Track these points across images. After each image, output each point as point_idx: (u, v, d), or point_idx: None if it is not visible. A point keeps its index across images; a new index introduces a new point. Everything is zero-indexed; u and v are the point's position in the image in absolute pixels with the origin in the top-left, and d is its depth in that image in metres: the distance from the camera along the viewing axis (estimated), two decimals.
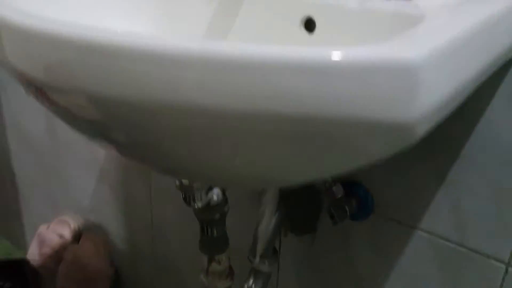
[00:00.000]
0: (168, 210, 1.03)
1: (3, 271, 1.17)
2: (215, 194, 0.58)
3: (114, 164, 1.10)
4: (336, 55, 0.29)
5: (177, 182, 0.56)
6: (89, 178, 1.18)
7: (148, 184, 1.05)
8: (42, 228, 1.30)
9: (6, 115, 1.34)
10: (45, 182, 1.33)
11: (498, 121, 0.56)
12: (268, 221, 0.72)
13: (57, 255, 1.23)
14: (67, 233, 1.27)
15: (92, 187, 1.19)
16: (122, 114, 0.34)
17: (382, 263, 0.72)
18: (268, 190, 0.72)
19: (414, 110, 0.30)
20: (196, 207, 0.58)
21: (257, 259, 0.72)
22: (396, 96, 0.30)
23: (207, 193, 0.57)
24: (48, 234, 1.27)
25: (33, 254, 1.27)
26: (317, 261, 0.80)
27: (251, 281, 0.74)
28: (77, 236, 1.27)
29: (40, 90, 0.40)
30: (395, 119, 0.31)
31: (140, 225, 1.12)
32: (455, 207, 0.62)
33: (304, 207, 0.77)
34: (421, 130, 0.32)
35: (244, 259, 0.74)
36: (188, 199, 0.57)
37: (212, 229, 0.61)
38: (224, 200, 0.60)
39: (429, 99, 0.31)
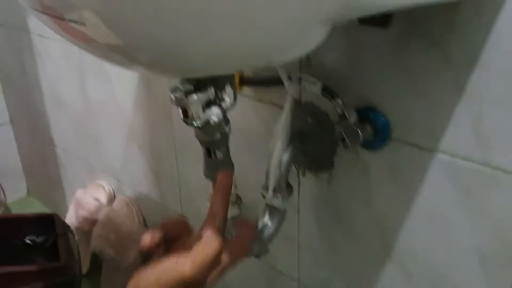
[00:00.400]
0: (191, 165, 1.02)
1: (35, 226, 1.20)
2: (215, 114, 0.56)
3: (141, 122, 1.11)
4: None
5: (172, 96, 0.54)
6: (120, 139, 1.20)
7: (171, 140, 1.04)
8: (79, 192, 1.33)
9: (43, 83, 1.38)
10: (81, 148, 1.36)
11: None
12: (279, 154, 0.69)
13: (92, 218, 1.25)
14: (102, 196, 1.29)
15: (123, 148, 1.20)
16: None
17: (402, 195, 0.67)
18: (279, 120, 0.69)
19: None
20: (195, 125, 0.56)
21: (270, 193, 0.70)
22: None
23: (204, 110, 0.55)
24: (84, 198, 1.29)
25: (71, 217, 1.31)
26: (336, 201, 0.76)
27: (266, 217, 0.71)
28: (112, 198, 1.29)
29: None
30: None
31: (168, 184, 1.12)
32: (477, 121, 0.57)
33: (319, 141, 0.73)
34: None
35: (259, 196, 0.71)
36: (186, 117, 0.55)
37: (214, 151, 0.59)
38: (225, 120, 0.57)
39: None
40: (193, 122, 0.55)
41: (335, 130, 0.69)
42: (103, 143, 1.27)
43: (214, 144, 0.58)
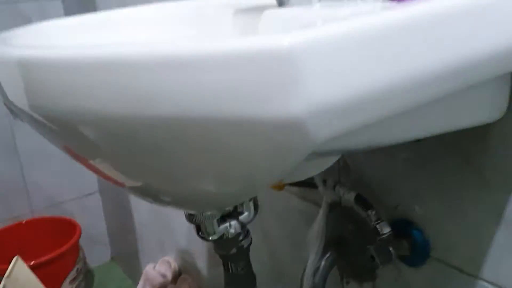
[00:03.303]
0: None
1: None
2: (232, 227, 0.55)
3: None
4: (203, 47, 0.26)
5: (186, 213, 0.55)
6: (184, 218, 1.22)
7: None
8: (149, 267, 1.37)
9: None
10: (155, 223, 1.41)
11: None
12: (312, 264, 0.66)
13: None
14: (168, 273, 1.32)
15: (187, 227, 1.23)
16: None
17: None
18: (312, 228, 0.67)
19: (297, 103, 0.25)
20: (210, 239, 0.55)
21: None
22: (273, 87, 0.26)
23: (219, 225, 0.55)
24: (152, 273, 1.33)
25: None
26: None
27: None
28: (177, 276, 1.31)
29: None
30: (278, 113, 0.26)
31: None
32: None
33: (360, 250, 0.69)
34: (318, 132, 0.26)
35: None
36: (201, 232, 0.55)
37: (232, 265, 0.57)
38: (243, 233, 0.56)
39: (318, 93, 0.26)
40: (207, 237, 0.55)
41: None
42: (172, 221, 1.31)
43: (231, 258, 0.57)
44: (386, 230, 0.60)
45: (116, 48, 0.29)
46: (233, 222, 0.56)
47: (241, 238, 0.56)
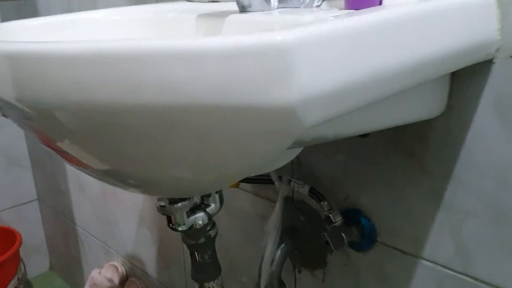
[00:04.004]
0: None
1: None
2: (200, 218, 0.59)
3: (149, 206, 1.15)
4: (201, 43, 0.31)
5: (157, 204, 0.58)
6: (132, 222, 1.23)
7: None
8: (95, 272, 1.36)
9: (68, 168, 1.45)
10: (99, 229, 1.40)
11: (486, 134, 0.52)
12: (271, 253, 0.71)
13: None
14: (115, 277, 1.31)
15: (134, 231, 1.24)
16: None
17: None
18: (270, 220, 0.71)
19: (291, 91, 0.30)
20: (180, 230, 0.58)
21: None
22: (270, 77, 0.30)
23: (188, 216, 0.58)
24: (99, 278, 1.32)
25: None
26: None
27: None
28: (124, 280, 1.31)
29: None
30: (273, 100, 0.30)
31: (175, 269, 1.13)
32: (456, 232, 0.57)
33: (311, 239, 0.74)
34: (308, 117, 0.31)
35: None
36: (171, 223, 0.58)
37: (199, 255, 0.61)
38: (210, 223, 0.60)
39: (309, 83, 0.31)
40: (177, 227, 0.58)
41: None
42: (118, 226, 1.31)
43: (199, 247, 0.61)
44: (338, 218, 0.66)
45: (120, 43, 0.32)
46: (201, 214, 0.59)
47: (208, 228, 0.60)
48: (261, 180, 0.76)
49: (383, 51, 0.34)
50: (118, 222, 1.30)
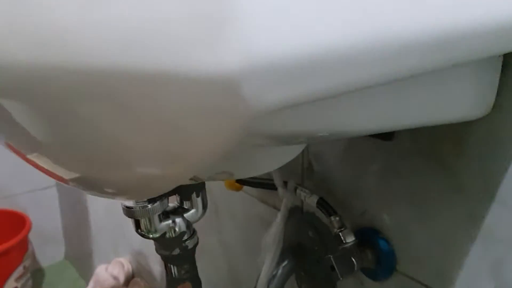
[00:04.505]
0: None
1: None
2: (176, 225, 0.48)
3: None
4: None
5: (123, 206, 0.48)
6: None
7: None
8: (100, 269, 1.29)
9: None
10: (110, 223, 1.33)
11: None
12: (267, 271, 0.60)
13: None
14: (121, 275, 1.24)
15: None
16: None
17: None
18: (268, 233, 0.60)
19: (232, 52, 0.19)
20: (150, 237, 0.48)
21: None
22: (200, 28, 0.19)
23: (161, 221, 0.48)
24: (104, 275, 1.25)
25: None
26: None
27: None
28: (130, 278, 1.24)
29: None
30: (205, 66, 0.19)
31: None
32: (497, 270, 0.44)
33: (319, 259, 0.63)
34: (259, 96, 0.20)
35: None
36: (140, 228, 0.49)
37: (174, 269, 0.50)
38: (189, 232, 0.49)
39: (262, 43, 0.19)
40: (147, 234, 0.48)
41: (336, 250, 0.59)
42: (127, 222, 1.23)
43: (174, 260, 0.50)
44: (349, 238, 0.54)
45: None
46: (178, 220, 0.49)
47: (185, 237, 0.49)
48: (264, 185, 0.65)
49: (385, 1, 0.23)
50: (128, 218, 1.22)
